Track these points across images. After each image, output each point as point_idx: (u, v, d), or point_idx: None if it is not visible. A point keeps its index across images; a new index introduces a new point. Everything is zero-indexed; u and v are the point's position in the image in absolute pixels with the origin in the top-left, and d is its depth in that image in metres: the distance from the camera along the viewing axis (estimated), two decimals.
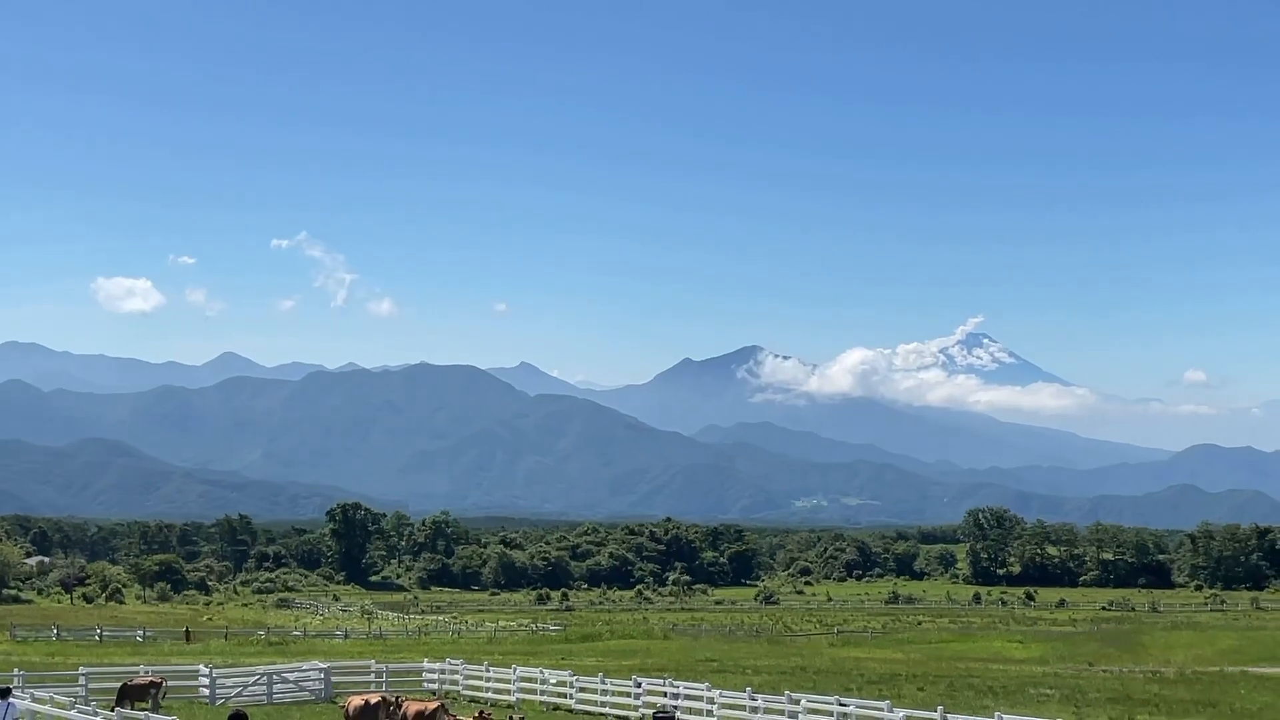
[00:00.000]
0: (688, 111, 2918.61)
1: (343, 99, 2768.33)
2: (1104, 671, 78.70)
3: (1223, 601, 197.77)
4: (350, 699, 47.67)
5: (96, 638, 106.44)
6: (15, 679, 56.14)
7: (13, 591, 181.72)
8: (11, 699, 35.55)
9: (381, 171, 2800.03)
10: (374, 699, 46.25)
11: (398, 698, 47.15)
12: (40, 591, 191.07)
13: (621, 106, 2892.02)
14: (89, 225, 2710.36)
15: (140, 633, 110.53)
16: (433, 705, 46.55)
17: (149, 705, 50.18)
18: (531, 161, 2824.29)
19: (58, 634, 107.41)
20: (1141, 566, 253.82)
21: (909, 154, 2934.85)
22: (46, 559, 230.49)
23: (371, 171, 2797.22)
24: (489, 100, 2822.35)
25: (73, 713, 44.31)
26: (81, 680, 56.76)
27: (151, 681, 54.03)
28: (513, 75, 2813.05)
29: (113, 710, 46.69)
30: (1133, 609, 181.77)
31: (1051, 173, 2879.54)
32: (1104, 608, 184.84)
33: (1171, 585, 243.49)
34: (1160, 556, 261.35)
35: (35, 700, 48.53)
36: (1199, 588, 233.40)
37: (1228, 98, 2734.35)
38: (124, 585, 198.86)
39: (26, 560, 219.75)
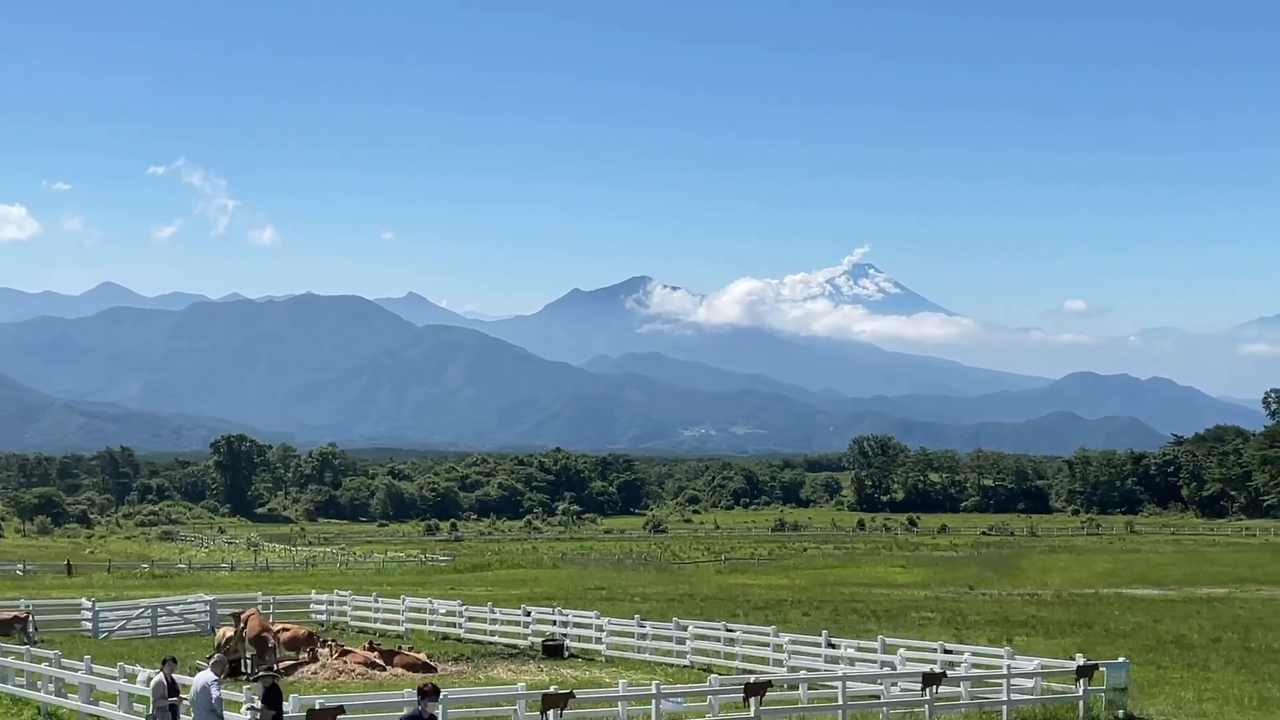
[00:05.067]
0: (575, 31, 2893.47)
1: (219, 19, 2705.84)
2: (983, 594, 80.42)
3: (1098, 525, 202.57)
4: (220, 629, 47.48)
5: None
6: None
7: None
8: None
9: (261, 94, 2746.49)
10: (231, 631, 45.77)
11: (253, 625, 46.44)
12: None
13: (507, 28, 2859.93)
14: None
15: (20, 566, 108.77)
16: (304, 632, 46.94)
17: (17, 639, 49.34)
18: (414, 82, 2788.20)
19: None
20: (1020, 492, 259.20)
21: (794, 88, 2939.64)
22: None
23: (250, 94, 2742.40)
24: (371, 18, 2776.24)
25: None
26: None
27: (16, 616, 53.04)
28: None
29: None
30: (1012, 533, 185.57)
31: (931, 102, 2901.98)
32: (984, 532, 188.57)
33: (1049, 510, 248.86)
34: (1039, 482, 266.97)
35: None
36: (1075, 512, 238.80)
37: (1111, 6, 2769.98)
38: (3, 519, 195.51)
39: None
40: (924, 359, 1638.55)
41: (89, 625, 58.07)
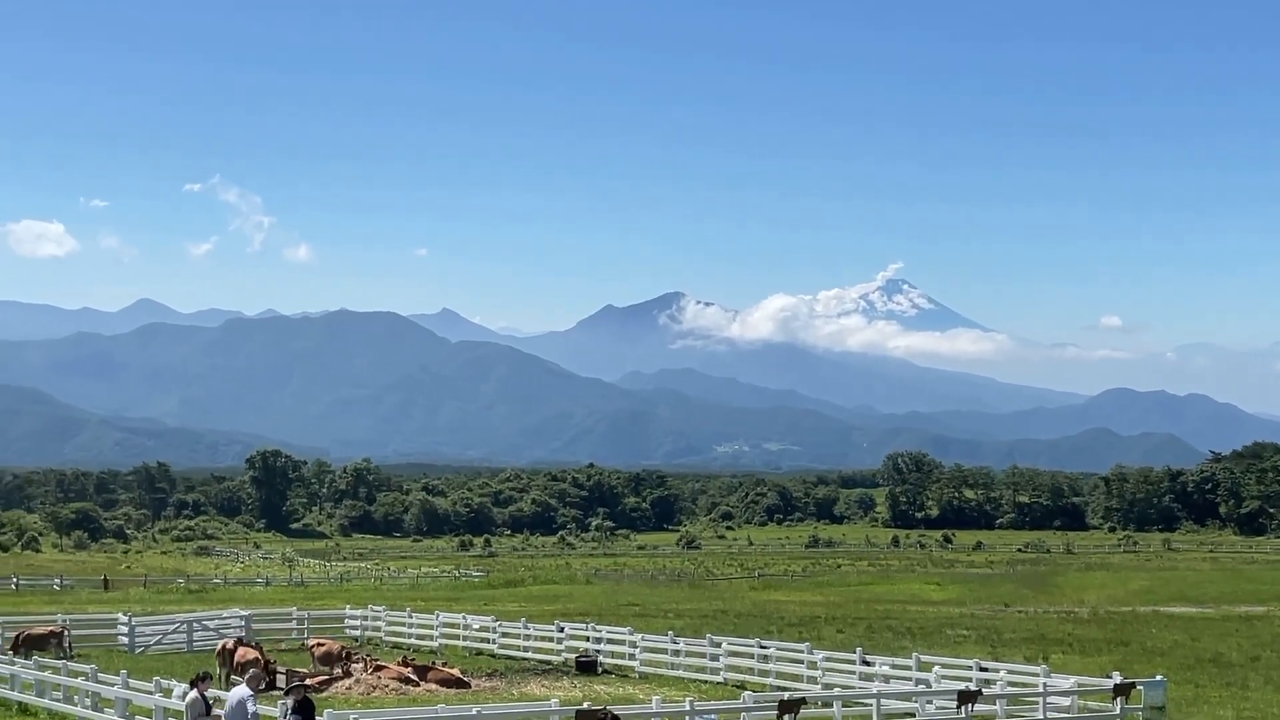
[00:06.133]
0: (607, 49, 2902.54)
1: (254, 37, 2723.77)
2: (1019, 612, 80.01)
3: (1135, 543, 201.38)
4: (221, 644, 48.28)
5: (13, 587, 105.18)
6: None
7: None
8: None
9: (296, 113, 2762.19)
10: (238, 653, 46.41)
11: (262, 655, 47.05)
12: None
13: (540, 45, 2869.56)
14: None
15: (57, 581, 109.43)
16: (338, 647, 47.63)
17: (52, 654, 49.54)
18: (449, 101, 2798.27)
19: None
20: (1056, 509, 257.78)
21: (828, 107, 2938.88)
22: None
23: (285, 113, 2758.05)
24: (404, 35, 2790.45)
25: None
26: None
27: (51, 631, 53.21)
28: (427, 4, 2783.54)
29: (10, 659, 46.18)
30: (1047, 551, 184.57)
31: (965, 123, 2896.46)
32: (1019, 550, 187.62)
33: (1085, 527, 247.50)
34: (1075, 499, 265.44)
35: None
36: (1112, 529, 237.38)
37: (1147, 30, 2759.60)
38: (40, 534, 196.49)
39: None
40: (959, 375, 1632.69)
41: (125, 640, 58.38)
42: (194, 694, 28.23)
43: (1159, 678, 37.25)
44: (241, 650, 46.26)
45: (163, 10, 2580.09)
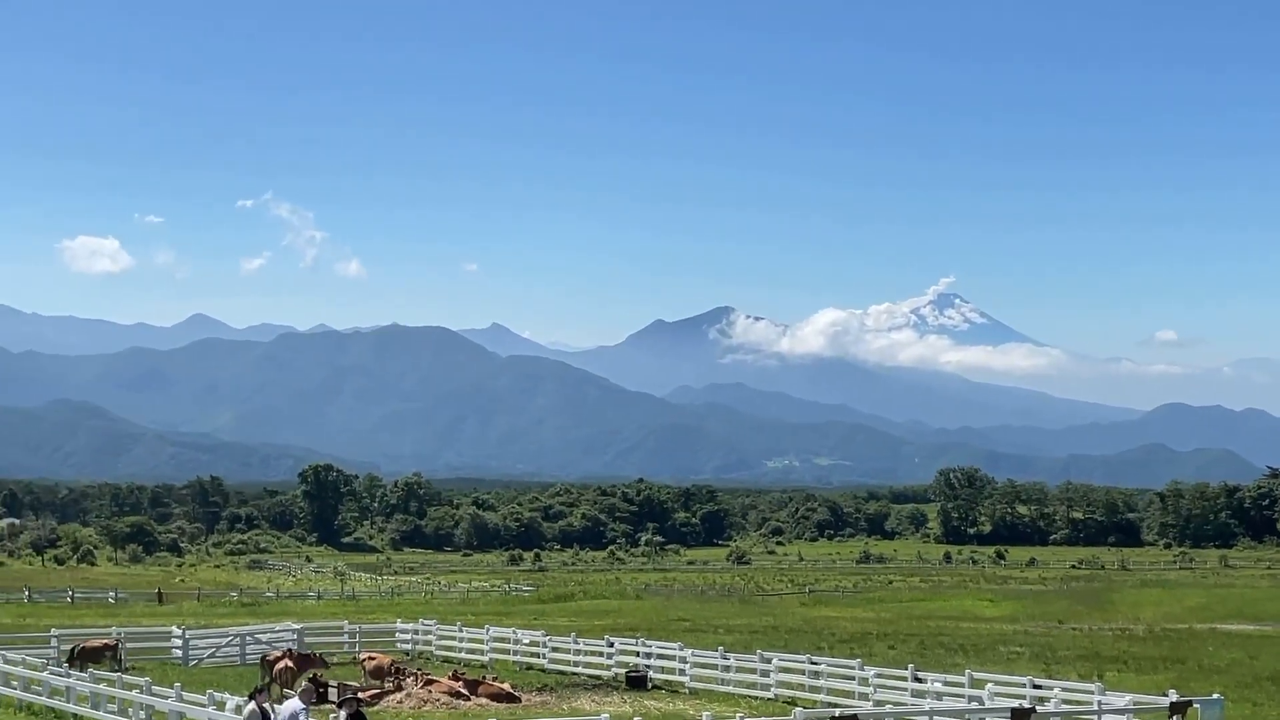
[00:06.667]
0: (659, 67, 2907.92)
1: (304, 55, 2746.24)
2: (1074, 629, 79.35)
3: (1191, 559, 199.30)
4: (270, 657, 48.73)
5: (68, 600, 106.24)
6: None
7: None
8: None
9: (348, 129, 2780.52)
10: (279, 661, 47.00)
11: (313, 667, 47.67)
12: (11, 554, 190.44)
13: (591, 62, 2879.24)
14: (53, 185, 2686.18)
15: (112, 594, 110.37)
16: (389, 660, 48.13)
17: (107, 667, 49.96)
18: (499, 117, 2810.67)
19: (29, 596, 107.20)
20: (1111, 525, 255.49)
21: (877, 130, 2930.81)
22: (17, 521, 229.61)
23: (337, 129, 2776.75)
24: (454, 53, 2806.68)
25: (45, 674, 44.25)
26: (53, 642, 56.62)
27: (106, 644, 53.68)
28: (477, 25, 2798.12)
29: (66, 671, 46.59)
30: (1102, 567, 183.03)
31: (1021, 131, 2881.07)
32: (1074, 566, 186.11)
33: (1141, 544, 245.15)
34: (1130, 515, 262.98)
35: (7, 662, 48.37)
36: (1168, 546, 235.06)
37: (1199, 50, 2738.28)
38: (95, 547, 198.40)
39: None
40: (1011, 390, 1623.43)
41: (179, 653, 58.79)
42: (252, 705, 28.46)
43: (1216, 696, 36.80)
44: (283, 662, 46.66)
45: (214, 31, 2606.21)
